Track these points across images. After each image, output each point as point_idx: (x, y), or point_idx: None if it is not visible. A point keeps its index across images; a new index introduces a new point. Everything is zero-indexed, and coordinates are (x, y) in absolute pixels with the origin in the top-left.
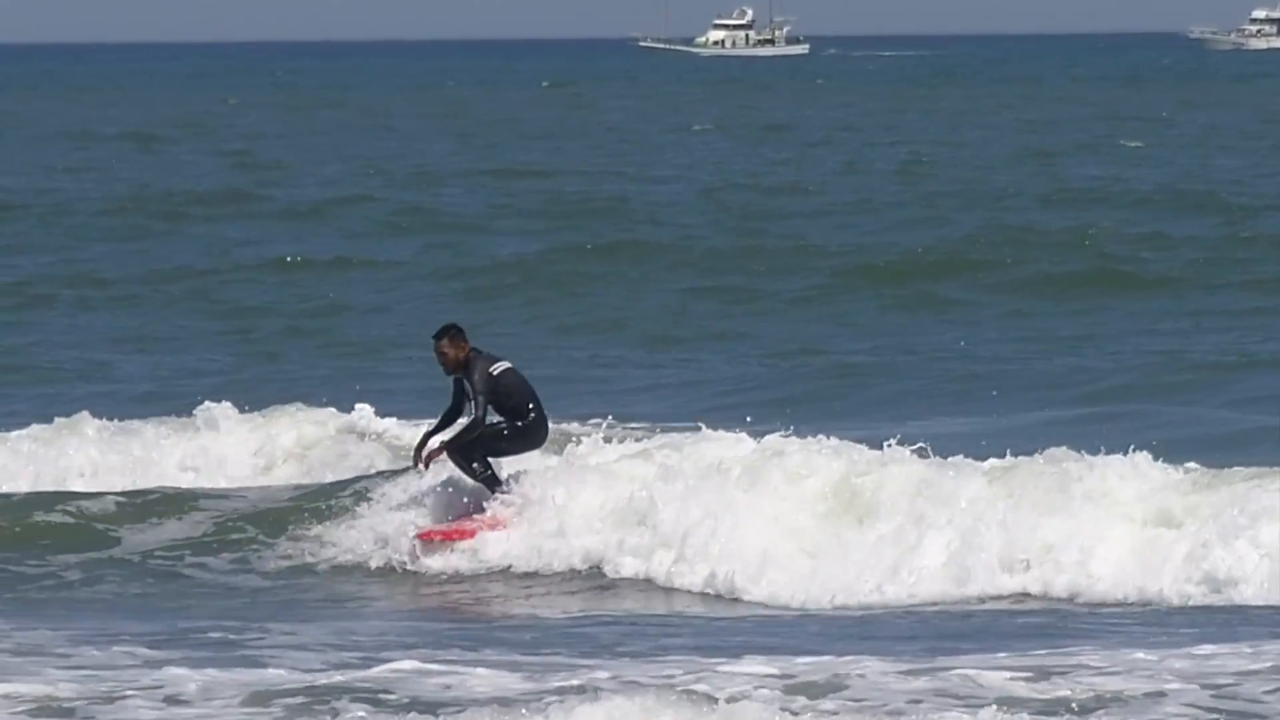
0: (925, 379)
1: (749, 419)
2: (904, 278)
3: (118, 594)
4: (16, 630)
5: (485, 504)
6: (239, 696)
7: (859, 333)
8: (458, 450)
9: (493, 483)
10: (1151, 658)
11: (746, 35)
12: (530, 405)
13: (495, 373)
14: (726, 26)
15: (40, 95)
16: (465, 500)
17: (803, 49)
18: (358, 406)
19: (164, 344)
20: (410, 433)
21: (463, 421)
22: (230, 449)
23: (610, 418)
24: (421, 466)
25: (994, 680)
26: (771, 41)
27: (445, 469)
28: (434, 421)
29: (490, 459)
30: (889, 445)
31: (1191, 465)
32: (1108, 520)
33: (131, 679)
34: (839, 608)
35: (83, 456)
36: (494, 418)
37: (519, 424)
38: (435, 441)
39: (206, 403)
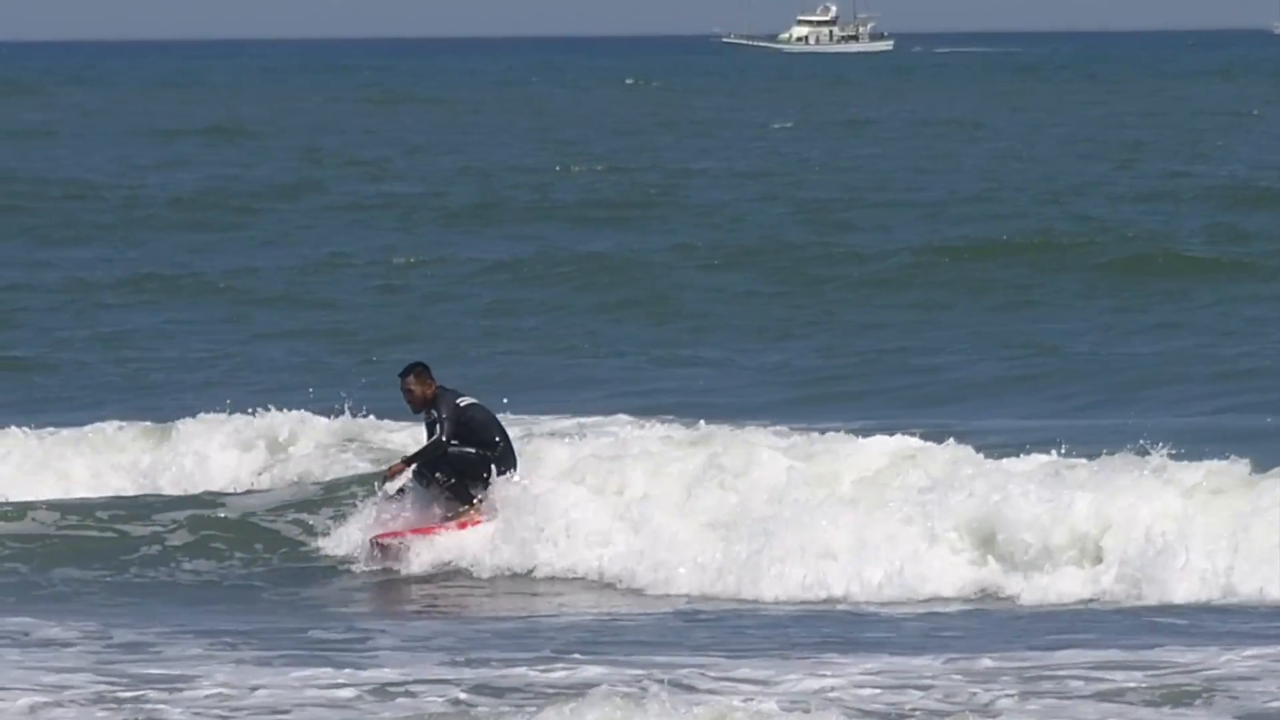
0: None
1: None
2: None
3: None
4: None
5: (451, 510)
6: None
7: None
8: (420, 466)
9: (459, 491)
10: None
11: (830, 31)
12: (497, 438)
13: (462, 405)
14: (810, 23)
15: (124, 91)
16: (433, 509)
17: (887, 45)
18: None
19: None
20: None
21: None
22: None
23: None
24: (388, 486)
25: None
26: (855, 38)
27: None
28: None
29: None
30: None
31: None
32: None
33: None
34: None
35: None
36: (470, 451)
37: (488, 456)
38: (399, 461)
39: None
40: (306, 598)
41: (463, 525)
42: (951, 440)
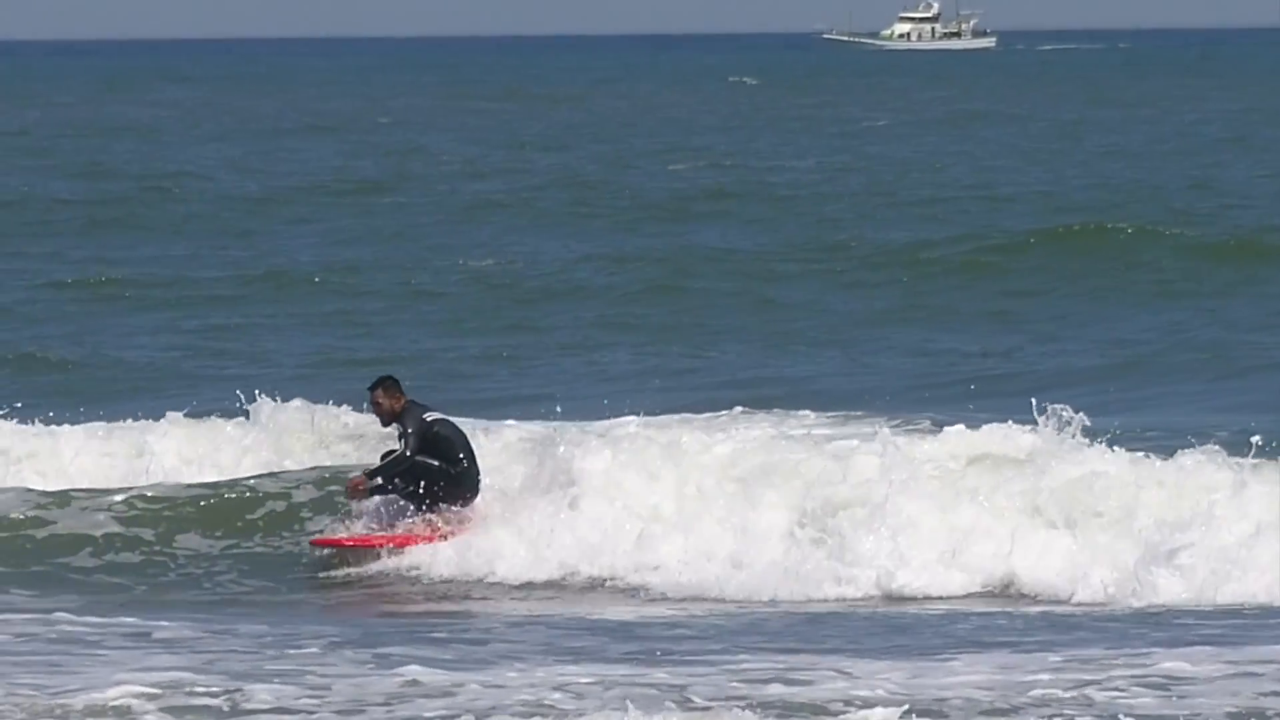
0: None
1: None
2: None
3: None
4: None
5: (407, 519)
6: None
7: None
8: (381, 476)
9: (417, 499)
10: None
11: (933, 28)
12: (461, 455)
13: (429, 420)
14: (912, 19)
15: (233, 89)
16: (396, 515)
17: (989, 42)
18: None
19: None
20: None
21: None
22: None
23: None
24: (354, 506)
25: None
26: (958, 34)
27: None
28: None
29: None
30: None
31: None
32: None
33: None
34: None
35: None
36: (433, 463)
37: (451, 471)
38: (360, 474)
39: None
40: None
41: (403, 542)
42: None
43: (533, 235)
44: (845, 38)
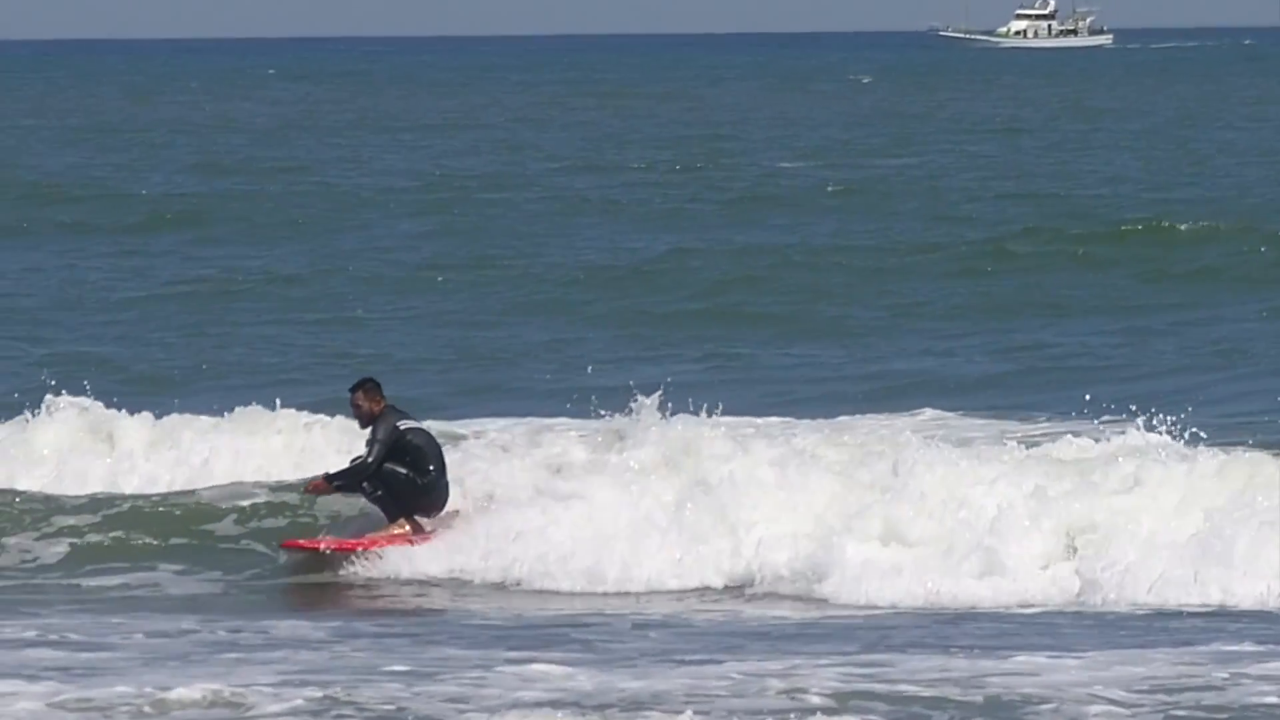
0: None
1: None
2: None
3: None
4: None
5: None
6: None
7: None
8: (342, 480)
9: (383, 505)
10: None
11: (1049, 25)
12: (431, 467)
13: (402, 428)
14: (1028, 16)
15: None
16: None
17: (1106, 39)
18: None
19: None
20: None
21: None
22: None
23: None
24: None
25: None
26: (1074, 32)
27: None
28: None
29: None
30: None
31: None
32: None
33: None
34: None
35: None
36: (400, 470)
37: (418, 481)
38: (320, 476)
39: None
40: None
41: (368, 544)
42: None
43: (666, 232)
44: (961, 35)
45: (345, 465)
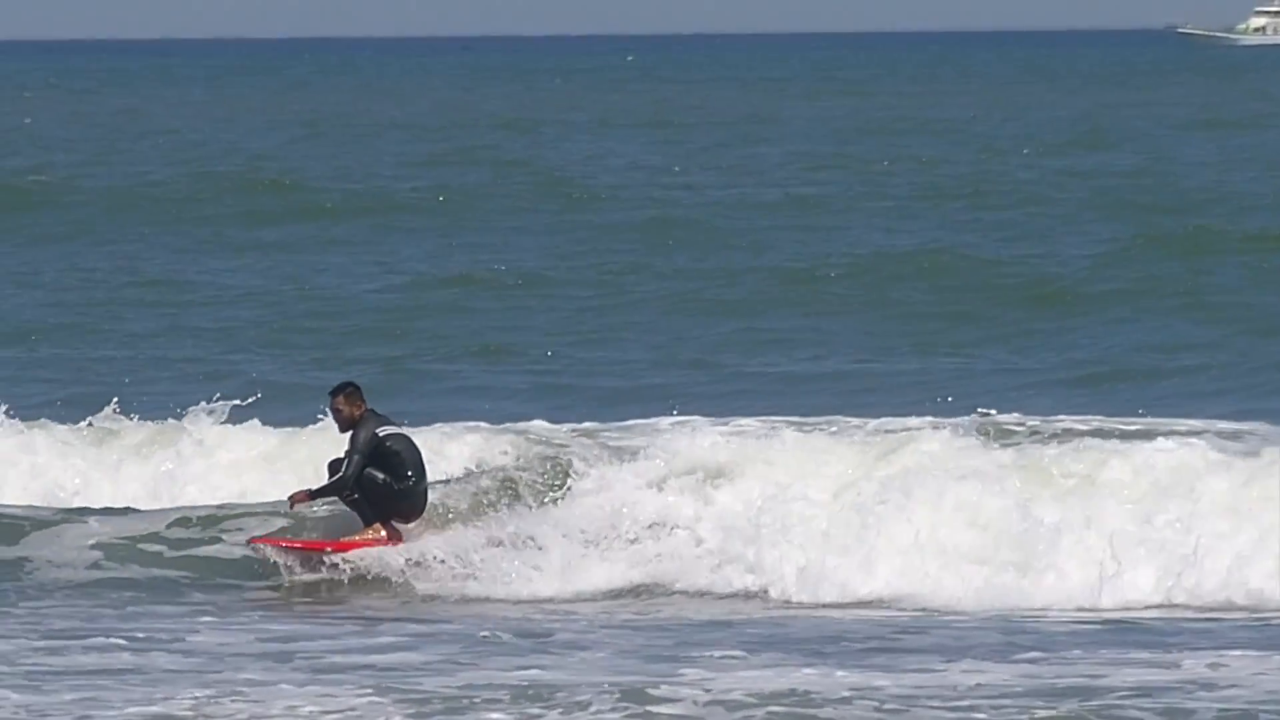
0: None
1: None
2: None
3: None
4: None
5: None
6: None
7: None
8: (324, 496)
9: (360, 508)
10: None
11: None
12: (409, 473)
13: (381, 434)
14: (1269, 13)
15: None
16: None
17: None
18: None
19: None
20: None
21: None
22: None
23: None
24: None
25: None
26: None
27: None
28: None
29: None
30: None
31: None
32: None
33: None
34: None
35: None
36: (378, 475)
37: (395, 486)
38: (302, 490)
39: None
40: None
41: (342, 547)
42: None
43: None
44: (1199, 32)
45: (326, 481)
